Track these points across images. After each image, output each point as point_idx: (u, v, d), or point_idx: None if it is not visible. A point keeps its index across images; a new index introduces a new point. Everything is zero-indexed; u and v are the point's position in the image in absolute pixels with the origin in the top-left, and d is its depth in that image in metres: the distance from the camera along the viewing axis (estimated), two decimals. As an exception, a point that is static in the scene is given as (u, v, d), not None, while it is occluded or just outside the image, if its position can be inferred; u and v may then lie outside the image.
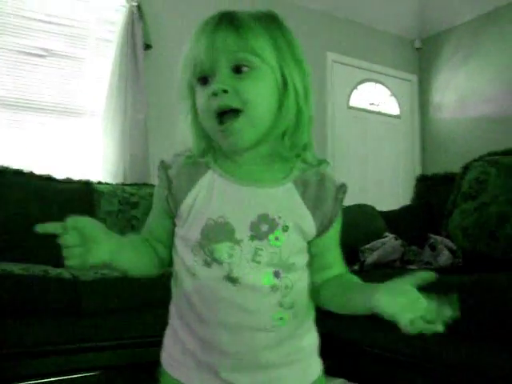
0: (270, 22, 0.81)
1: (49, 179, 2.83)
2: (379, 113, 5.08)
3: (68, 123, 3.33)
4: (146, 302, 2.19)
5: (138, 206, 2.99)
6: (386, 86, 5.13)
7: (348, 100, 4.85)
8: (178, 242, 0.83)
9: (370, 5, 4.61)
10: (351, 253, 2.19)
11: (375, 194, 4.58)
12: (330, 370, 2.03)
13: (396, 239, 2.22)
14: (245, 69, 0.76)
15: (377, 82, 5.06)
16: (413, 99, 5.24)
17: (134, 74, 3.37)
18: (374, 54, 4.99)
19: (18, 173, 2.73)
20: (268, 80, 0.77)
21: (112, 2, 3.47)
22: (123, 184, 3.15)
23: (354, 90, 4.91)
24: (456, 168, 2.85)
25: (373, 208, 2.63)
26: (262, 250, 0.77)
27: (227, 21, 0.77)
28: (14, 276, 1.95)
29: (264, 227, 0.77)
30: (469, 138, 4.63)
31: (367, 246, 2.18)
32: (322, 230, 0.82)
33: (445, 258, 2.12)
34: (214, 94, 0.75)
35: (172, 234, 0.86)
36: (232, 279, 0.76)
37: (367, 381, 2.02)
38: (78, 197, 2.84)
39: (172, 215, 0.84)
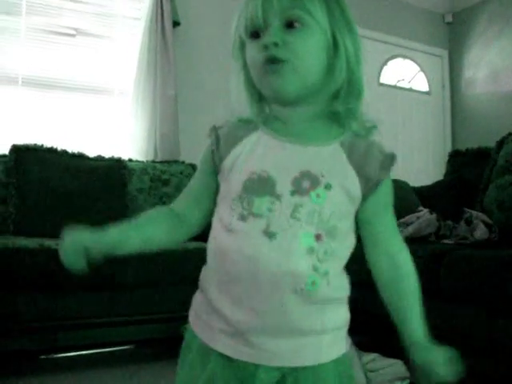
0: None
1: (81, 157, 2.87)
2: (409, 89, 4.99)
3: (99, 101, 3.36)
4: (180, 276, 2.21)
5: (168, 183, 3.01)
6: (416, 62, 5.03)
7: (378, 77, 4.78)
8: (219, 200, 0.85)
9: (400, -22, 4.52)
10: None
11: (406, 170, 4.50)
12: (364, 345, 2.03)
13: (431, 213, 2.19)
14: (297, 25, 0.77)
15: (407, 57, 4.97)
16: (443, 75, 5.13)
17: (163, 51, 3.36)
18: (403, 29, 4.89)
19: (52, 150, 2.78)
20: (318, 38, 0.79)
21: (140, -20, 3.46)
22: (154, 161, 3.17)
23: (384, 67, 4.83)
24: (487, 144, 2.80)
25: (406, 183, 2.60)
26: (301, 206, 0.76)
27: None
28: (48, 250, 1.98)
29: (306, 183, 0.77)
30: (501, 113, 4.53)
31: (402, 220, 2.16)
32: (367, 193, 0.80)
33: (481, 232, 2.08)
34: (265, 47, 0.77)
35: (212, 195, 0.87)
36: (269, 234, 0.75)
37: (400, 355, 2.01)
38: (110, 174, 2.87)
39: (215, 172, 0.86)
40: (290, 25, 0.77)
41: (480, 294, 1.79)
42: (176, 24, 3.49)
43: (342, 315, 0.83)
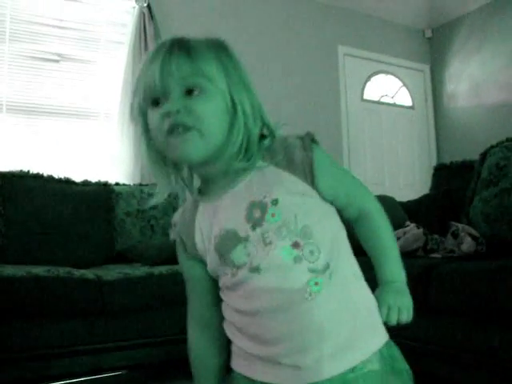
0: (219, 47, 0.86)
1: (67, 182, 2.85)
2: (393, 104, 5.05)
3: (84, 126, 3.36)
4: (170, 300, 2.19)
5: (156, 206, 3.00)
6: (399, 78, 5.11)
7: (362, 93, 4.83)
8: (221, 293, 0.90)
9: (379, -4, 4.60)
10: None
11: (392, 185, 4.56)
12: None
13: (418, 228, 2.21)
14: (196, 91, 0.80)
15: (389, 73, 5.04)
16: (426, 89, 5.21)
17: (147, 74, 3.38)
18: (385, 45, 4.96)
19: (38, 177, 2.76)
20: (218, 101, 0.82)
21: (122, 5, 3.49)
22: (141, 184, 3.16)
23: (368, 83, 4.89)
24: (472, 156, 2.82)
25: (392, 198, 2.61)
26: (267, 232, 0.79)
27: (179, 46, 0.81)
28: (38, 278, 1.97)
29: (256, 213, 0.80)
30: (484, 125, 4.59)
31: (389, 235, 2.17)
32: (311, 177, 0.83)
33: (468, 245, 2.10)
34: (167, 115, 0.79)
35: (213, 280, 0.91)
36: (254, 269, 0.79)
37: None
38: (97, 198, 2.87)
39: (198, 259, 0.91)
40: (189, 92, 0.80)
41: (469, 307, 1.79)
42: (159, 47, 3.51)
43: (365, 302, 0.85)
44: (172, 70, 0.79)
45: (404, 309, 0.87)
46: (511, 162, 2.36)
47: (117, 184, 3.08)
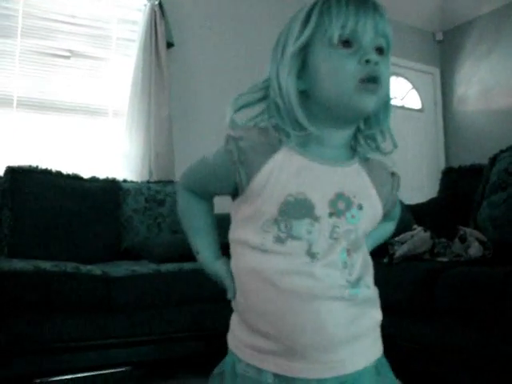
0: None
1: (76, 178, 2.87)
2: (402, 107, 5.04)
3: (93, 122, 3.37)
4: (177, 297, 2.20)
5: (164, 204, 3.01)
6: (409, 80, 5.09)
7: (370, 94, 4.82)
8: (241, 220, 0.84)
9: (391, -2, 4.58)
10: (380, 246, 2.18)
11: (400, 188, 4.54)
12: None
13: (425, 231, 2.20)
14: (382, 52, 0.82)
15: (399, 75, 5.02)
16: (435, 92, 5.19)
17: (157, 72, 3.39)
18: (395, 47, 4.86)
19: (46, 172, 2.77)
20: (389, 71, 0.84)
21: (134, 2, 3.50)
22: (149, 182, 3.17)
23: (376, 84, 4.88)
24: (480, 160, 2.82)
25: (400, 201, 2.61)
26: (338, 227, 0.79)
27: (374, 4, 0.81)
28: (46, 272, 1.98)
29: (341, 205, 0.80)
30: (493, 130, 4.57)
31: (396, 238, 2.16)
32: (387, 211, 0.89)
33: (475, 249, 2.09)
34: (367, 61, 0.78)
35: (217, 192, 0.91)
36: (312, 254, 0.78)
37: (398, 375, 2.00)
38: (105, 195, 2.88)
39: (233, 187, 0.84)
40: (378, 50, 0.81)
41: (475, 311, 1.79)
42: (170, 45, 3.52)
43: (378, 313, 0.87)
44: (378, 26, 0.80)
45: None
46: (520, 167, 2.35)
47: (125, 181, 3.09)
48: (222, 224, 0.95)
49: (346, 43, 0.78)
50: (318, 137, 0.82)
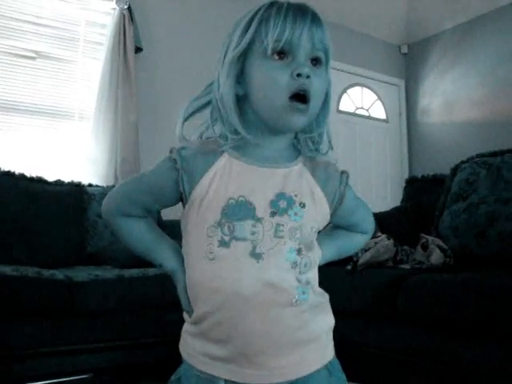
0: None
1: (39, 181, 2.82)
2: (368, 117, 5.12)
3: (58, 125, 3.32)
4: (141, 302, 2.19)
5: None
6: (374, 91, 5.18)
7: (337, 104, 4.89)
8: (188, 229, 0.84)
9: (358, 10, 4.67)
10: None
11: (364, 196, 4.59)
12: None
13: (388, 239, 2.24)
14: (318, 64, 0.83)
15: (365, 86, 5.11)
16: (400, 103, 5.30)
17: (125, 76, 3.37)
18: (361, 59, 5.04)
19: (9, 174, 2.72)
20: (326, 80, 0.86)
21: (102, 5, 3.47)
22: (114, 186, 3.13)
23: (344, 95, 4.95)
24: (443, 171, 2.89)
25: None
26: (283, 225, 0.79)
27: (316, 15, 0.82)
28: (6, 277, 1.94)
29: (283, 204, 0.80)
30: (455, 141, 4.69)
31: (360, 245, 2.20)
32: (334, 207, 0.88)
33: (436, 257, 2.14)
34: (299, 75, 0.79)
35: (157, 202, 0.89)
36: (256, 255, 0.78)
37: (364, 379, 2.03)
38: (69, 199, 2.84)
39: (177, 197, 0.85)
40: (312, 62, 0.82)
41: (436, 316, 1.83)
42: (138, 50, 3.50)
43: (329, 321, 0.88)
44: (314, 37, 0.80)
45: None
46: (480, 177, 2.42)
47: (90, 185, 3.05)
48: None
49: (281, 54, 0.80)
50: (256, 143, 0.84)
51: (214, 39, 4.31)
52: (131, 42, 3.41)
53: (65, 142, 3.32)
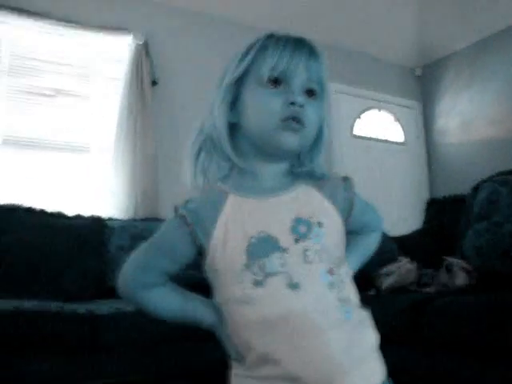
0: (323, 54, 0.90)
1: (60, 216, 2.85)
2: (384, 140, 5.11)
3: (78, 161, 3.37)
4: (163, 335, 2.17)
5: (148, 242, 2.99)
6: (390, 114, 5.18)
7: (351, 129, 4.89)
8: (218, 281, 0.83)
9: (371, 36, 4.70)
10: (366, 278, 2.18)
11: (384, 219, 4.56)
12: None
13: (411, 262, 2.21)
14: (313, 95, 0.86)
15: (381, 109, 5.11)
16: (417, 125, 5.27)
17: (142, 109, 3.42)
18: (376, 83, 5.05)
19: (30, 211, 2.76)
20: (320, 112, 0.88)
21: (119, 41, 3.55)
22: (134, 219, 3.16)
23: (357, 119, 4.96)
24: (463, 191, 2.86)
25: (384, 233, 2.63)
26: (308, 250, 0.79)
27: (313, 47, 0.87)
28: (28, 313, 1.94)
29: (303, 228, 0.81)
30: (474, 160, 4.64)
31: (382, 270, 2.17)
32: (346, 216, 0.88)
33: (461, 279, 2.11)
34: (292, 103, 0.81)
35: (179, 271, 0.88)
36: (293, 285, 0.77)
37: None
38: (89, 233, 2.85)
39: (192, 251, 0.85)
40: (308, 93, 0.85)
41: (463, 341, 1.79)
42: (154, 83, 3.56)
43: (374, 334, 0.86)
44: (311, 68, 0.84)
45: None
46: (502, 196, 2.39)
47: (110, 219, 3.07)
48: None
49: (276, 82, 0.83)
50: (252, 173, 0.86)
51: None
52: (147, 75, 3.47)
53: (84, 177, 3.36)
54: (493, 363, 1.71)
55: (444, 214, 2.87)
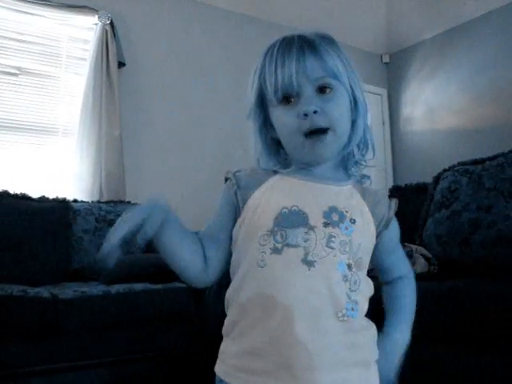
0: (332, 42, 0.88)
1: (24, 198, 2.80)
2: (351, 126, 5.16)
3: (42, 141, 3.32)
4: (127, 318, 2.17)
5: (114, 224, 2.97)
6: (357, 100, 5.22)
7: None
8: (241, 241, 0.85)
9: (340, 21, 4.72)
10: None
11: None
12: None
13: (373, 249, 2.26)
14: (327, 90, 0.84)
15: (348, 96, 5.15)
16: (383, 112, 5.35)
17: (108, 91, 3.37)
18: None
19: (-8, 192, 2.70)
20: (345, 99, 0.86)
21: (85, 21, 3.48)
22: (99, 202, 3.13)
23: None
24: (426, 179, 2.92)
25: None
26: (334, 236, 0.80)
27: (308, 45, 0.84)
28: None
29: (335, 216, 0.82)
30: (438, 149, 4.75)
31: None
32: (381, 230, 0.88)
33: (421, 265, 2.16)
34: (304, 115, 0.81)
35: (230, 236, 0.88)
36: (308, 262, 0.78)
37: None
38: (54, 215, 2.82)
39: (236, 214, 0.88)
40: (321, 90, 0.83)
41: (419, 326, 1.84)
42: (121, 64, 3.51)
43: (376, 353, 0.85)
44: (307, 70, 0.82)
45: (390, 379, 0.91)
46: (462, 185, 2.45)
47: (75, 201, 3.04)
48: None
49: (288, 99, 0.83)
50: (304, 169, 0.88)
51: (196, 53, 4.38)
52: (114, 57, 3.42)
53: (49, 158, 3.31)
54: (449, 346, 1.77)
55: (406, 202, 2.92)
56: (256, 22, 4.43)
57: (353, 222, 0.82)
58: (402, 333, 0.94)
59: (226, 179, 0.91)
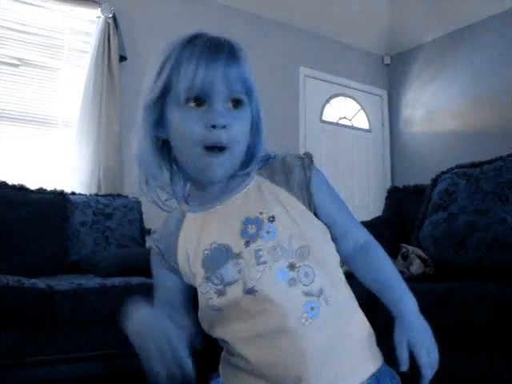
0: (247, 56, 0.82)
1: (22, 189, 2.80)
2: (350, 127, 5.17)
3: (42, 133, 3.32)
4: (122, 312, 2.17)
5: (112, 217, 2.98)
6: (357, 101, 5.23)
7: (321, 114, 4.93)
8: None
9: (342, 22, 4.73)
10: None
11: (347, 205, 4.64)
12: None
13: (369, 249, 2.26)
14: (239, 106, 0.79)
15: (348, 96, 5.16)
16: (383, 114, 5.36)
17: (109, 85, 3.37)
18: (345, 69, 5.09)
19: (-9, 182, 2.70)
20: (249, 119, 0.82)
21: (87, 13, 3.48)
22: (97, 195, 3.13)
23: (327, 105, 5.00)
24: (424, 180, 2.92)
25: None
26: (261, 249, 0.76)
27: (233, 54, 0.79)
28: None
29: (252, 229, 0.77)
30: (436, 151, 4.76)
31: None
32: (308, 197, 0.82)
33: (416, 267, 2.17)
34: (213, 126, 0.76)
35: (186, 292, 0.87)
36: (250, 291, 0.75)
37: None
38: (52, 207, 2.82)
39: (176, 272, 0.87)
40: (233, 104, 0.78)
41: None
42: (123, 58, 3.51)
43: (360, 329, 0.82)
44: (230, 80, 0.77)
45: (431, 348, 0.83)
46: (460, 188, 2.45)
47: (73, 193, 3.04)
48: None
49: (197, 101, 0.77)
50: (199, 184, 0.84)
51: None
52: (116, 50, 3.42)
53: (48, 150, 3.31)
54: (447, 348, 1.78)
55: (404, 203, 2.93)
56: (258, 20, 4.44)
57: (271, 220, 0.77)
58: (409, 304, 0.86)
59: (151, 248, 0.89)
